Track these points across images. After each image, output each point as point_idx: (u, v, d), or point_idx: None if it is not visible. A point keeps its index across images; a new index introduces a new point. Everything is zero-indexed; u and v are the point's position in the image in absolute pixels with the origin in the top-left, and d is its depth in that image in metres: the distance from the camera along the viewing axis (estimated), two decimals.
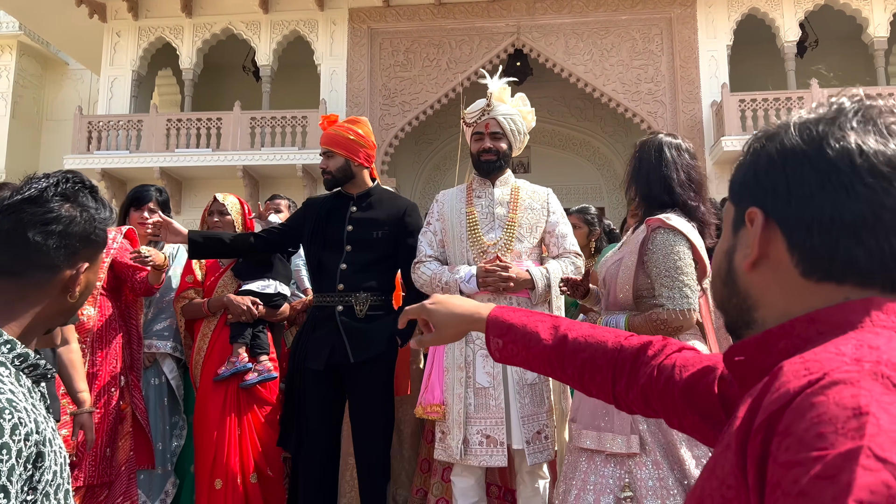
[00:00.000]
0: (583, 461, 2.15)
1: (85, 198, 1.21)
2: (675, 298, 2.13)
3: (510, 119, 3.03)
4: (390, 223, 3.12)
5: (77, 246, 1.18)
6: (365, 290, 3.03)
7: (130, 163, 12.28)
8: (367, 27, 12.88)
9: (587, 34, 12.43)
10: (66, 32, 14.05)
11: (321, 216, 3.17)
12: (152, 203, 3.53)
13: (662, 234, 2.18)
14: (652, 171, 2.27)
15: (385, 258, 3.11)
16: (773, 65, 13.04)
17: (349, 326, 2.98)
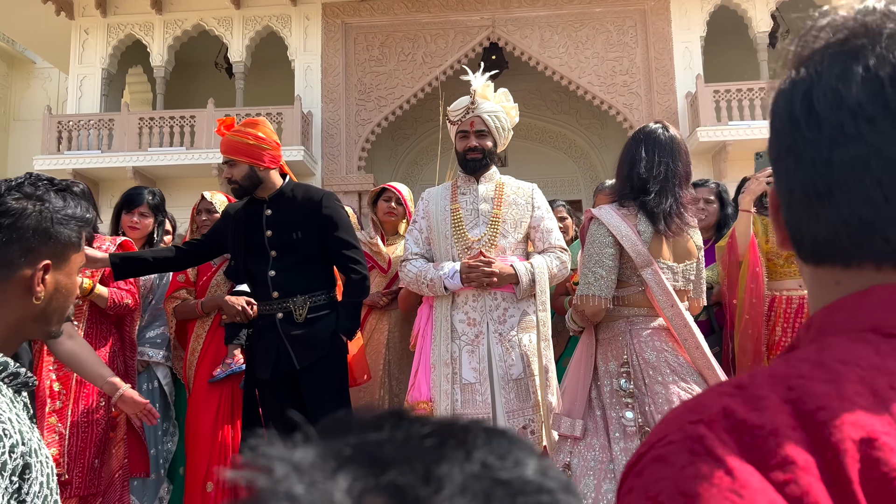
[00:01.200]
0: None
1: (47, 194, 1.16)
2: (581, 286, 2.33)
3: (494, 116, 3.02)
4: (308, 220, 2.97)
5: (32, 241, 1.12)
6: (302, 293, 2.94)
7: (102, 163, 12.07)
8: (341, 22, 12.78)
9: (562, 27, 12.45)
10: (32, 30, 13.76)
11: (239, 225, 3.04)
12: (143, 207, 3.46)
13: (592, 224, 2.37)
14: (619, 165, 2.45)
15: (313, 256, 2.99)
16: (746, 55, 13.18)
17: (290, 332, 2.91)
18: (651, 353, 2.26)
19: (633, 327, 2.31)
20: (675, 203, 2.30)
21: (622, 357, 2.29)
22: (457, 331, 2.90)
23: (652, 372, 2.23)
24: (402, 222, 3.83)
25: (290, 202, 3.02)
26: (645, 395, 2.22)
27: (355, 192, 12.08)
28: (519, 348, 2.85)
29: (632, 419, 2.19)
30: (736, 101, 11.64)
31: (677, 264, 2.35)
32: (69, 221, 1.16)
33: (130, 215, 3.44)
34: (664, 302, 2.26)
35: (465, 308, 2.91)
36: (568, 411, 2.33)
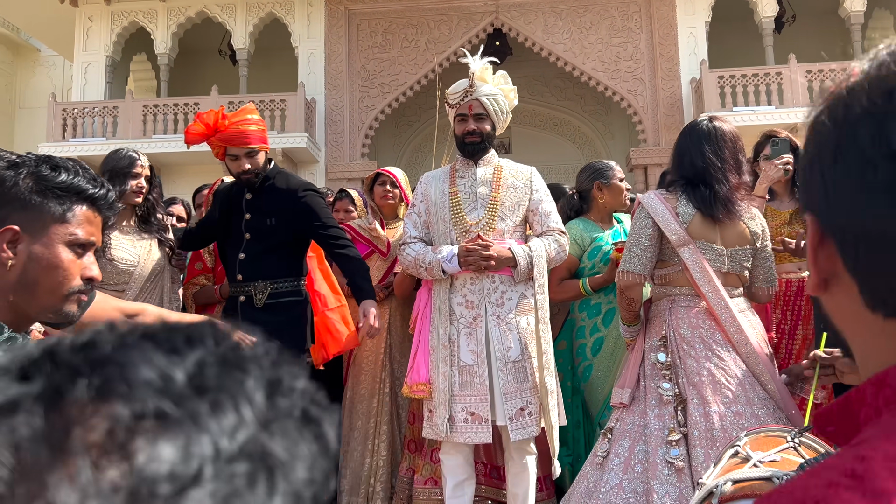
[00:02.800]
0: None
1: (38, 166, 1.14)
2: (620, 263, 2.50)
3: (493, 99, 3.03)
4: (283, 209, 2.98)
5: (5, 209, 1.10)
6: (264, 279, 2.97)
7: (107, 150, 12.04)
8: (345, 8, 12.74)
9: (566, 12, 12.38)
10: (36, 18, 13.77)
11: (224, 206, 3.09)
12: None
13: (637, 208, 2.53)
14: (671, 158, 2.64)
15: (284, 244, 3.00)
16: (751, 41, 13.09)
17: (249, 318, 2.92)
18: (686, 329, 2.39)
19: (673, 305, 2.45)
20: (725, 189, 2.40)
21: (661, 332, 2.44)
22: (455, 313, 2.92)
23: (686, 346, 2.37)
24: (400, 206, 3.85)
25: (269, 188, 3.03)
26: (679, 368, 2.37)
27: (359, 178, 12.08)
28: (517, 331, 2.87)
29: (668, 389, 2.35)
30: (741, 87, 11.58)
31: (725, 248, 2.43)
32: (50, 190, 1.13)
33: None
34: (701, 279, 2.38)
35: (463, 291, 2.93)
36: (621, 383, 2.52)
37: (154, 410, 0.27)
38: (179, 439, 0.27)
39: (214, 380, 0.29)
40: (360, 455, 3.52)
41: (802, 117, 2.31)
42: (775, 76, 11.48)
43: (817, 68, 11.49)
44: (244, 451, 0.28)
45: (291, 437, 0.30)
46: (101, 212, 1.23)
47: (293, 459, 0.29)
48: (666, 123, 12.02)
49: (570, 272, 3.30)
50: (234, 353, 0.31)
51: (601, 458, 2.42)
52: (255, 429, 0.29)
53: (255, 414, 0.29)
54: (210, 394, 0.29)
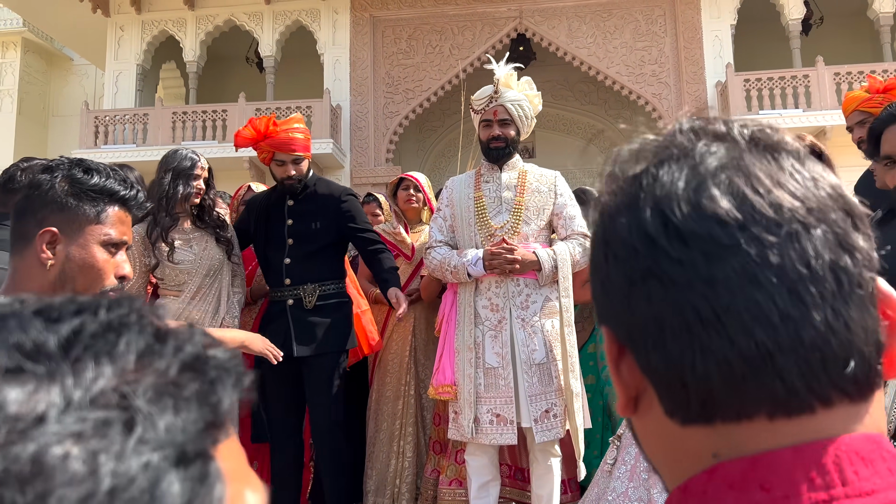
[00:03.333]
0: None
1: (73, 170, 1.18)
2: None
3: (518, 105, 3.06)
4: (327, 212, 3.13)
5: (43, 211, 1.15)
6: (312, 282, 3.08)
7: (138, 156, 12.35)
8: (370, 15, 12.87)
9: (589, 17, 12.38)
10: (69, 28, 14.10)
11: (261, 214, 3.18)
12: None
13: None
14: None
15: (327, 247, 3.13)
16: (778, 43, 12.96)
17: (299, 319, 3.04)
18: None
19: None
20: None
21: None
22: (480, 316, 2.95)
23: None
24: (423, 210, 3.90)
25: (311, 194, 3.17)
26: None
27: (383, 184, 12.18)
28: (542, 334, 2.90)
29: None
30: (767, 90, 11.47)
31: None
32: (85, 192, 1.17)
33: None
34: None
35: (488, 294, 2.96)
36: None
37: (12, 366, 0.29)
38: (27, 387, 0.29)
39: (85, 342, 0.31)
40: (385, 456, 3.56)
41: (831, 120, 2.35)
42: (802, 79, 11.35)
43: (845, 70, 11.34)
44: (98, 401, 0.29)
45: (161, 393, 0.31)
46: (131, 211, 1.27)
47: (159, 412, 0.30)
48: None
49: None
50: (121, 320, 0.33)
51: (610, 465, 2.44)
52: (115, 382, 0.30)
53: (117, 370, 0.31)
54: (74, 353, 0.31)
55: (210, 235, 2.99)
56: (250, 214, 3.24)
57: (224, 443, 0.34)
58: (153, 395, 0.31)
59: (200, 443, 0.31)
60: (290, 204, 3.13)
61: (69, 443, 0.28)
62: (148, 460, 0.29)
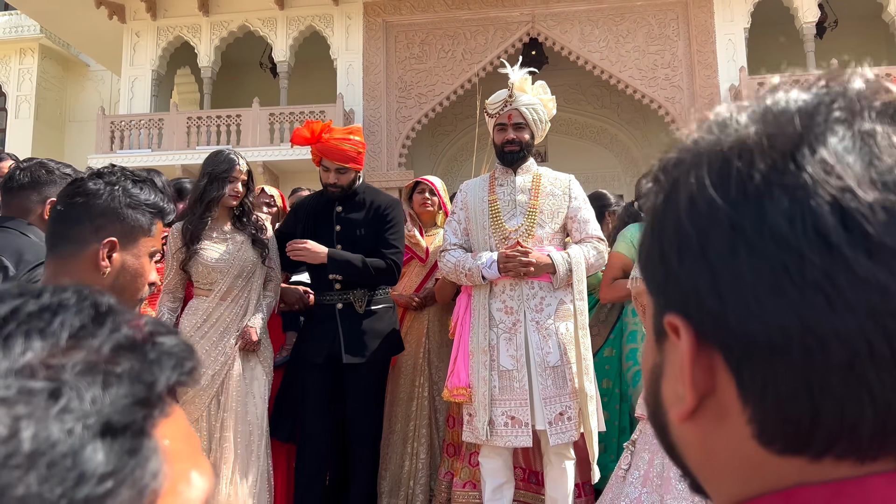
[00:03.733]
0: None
1: (123, 180, 1.25)
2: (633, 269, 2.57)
3: (532, 109, 3.08)
4: (372, 220, 3.22)
5: (101, 219, 1.21)
6: (362, 287, 3.16)
7: (153, 161, 12.46)
8: (382, 20, 12.94)
9: (602, 21, 12.38)
10: (86, 34, 14.27)
11: (309, 217, 3.26)
12: None
13: None
14: None
15: (374, 252, 3.20)
16: (792, 46, 12.89)
17: (349, 324, 3.10)
18: None
19: None
20: None
21: None
22: (494, 319, 2.97)
23: None
24: (438, 213, 3.92)
25: (359, 201, 3.25)
26: None
27: (396, 188, 12.22)
28: (556, 336, 2.91)
29: None
30: None
31: None
32: (139, 206, 1.25)
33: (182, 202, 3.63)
34: None
35: (502, 297, 2.98)
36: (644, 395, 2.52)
37: None
38: None
39: (20, 320, 0.33)
40: (399, 458, 3.58)
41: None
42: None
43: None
44: (23, 371, 0.31)
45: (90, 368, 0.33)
46: (166, 223, 1.36)
47: (87, 386, 0.32)
48: None
49: (625, 273, 3.32)
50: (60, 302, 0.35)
51: (624, 470, 2.44)
52: (44, 356, 0.32)
53: (47, 345, 0.33)
54: (7, 330, 0.33)
55: (247, 237, 3.05)
56: (297, 218, 3.32)
57: (167, 423, 0.35)
58: (82, 369, 0.32)
59: (129, 416, 0.33)
60: (339, 210, 3.22)
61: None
62: (71, 427, 0.31)
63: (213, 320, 2.97)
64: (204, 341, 2.92)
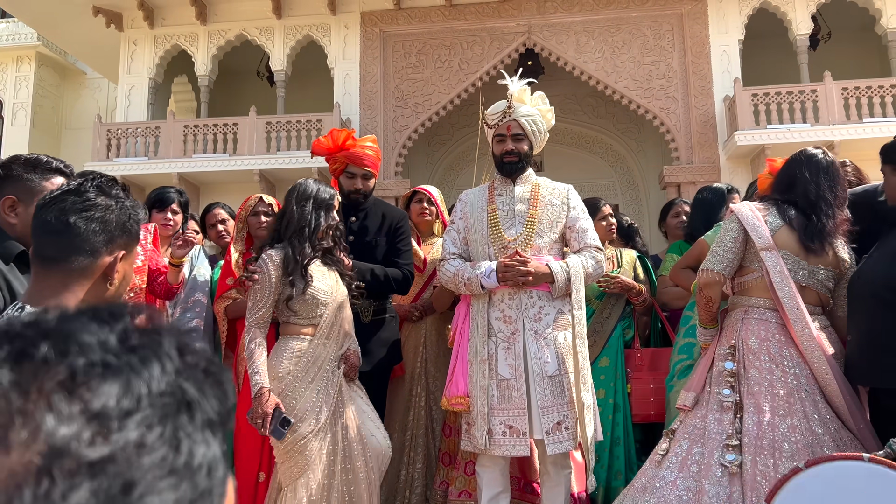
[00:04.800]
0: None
1: (118, 192, 1.31)
2: (703, 262, 2.58)
3: (531, 120, 3.11)
4: (386, 231, 3.25)
5: (114, 233, 1.27)
6: (368, 297, 3.15)
7: (149, 169, 12.46)
8: (379, 30, 12.99)
9: (598, 32, 12.46)
10: (83, 42, 14.28)
11: None
12: (174, 205, 3.64)
13: (729, 216, 2.63)
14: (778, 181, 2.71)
15: (385, 263, 3.25)
16: (786, 58, 13.00)
17: (357, 333, 3.04)
18: (755, 341, 2.43)
19: (746, 316, 2.51)
20: (831, 224, 2.48)
21: (731, 341, 2.49)
22: (493, 328, 2.98)
23: (751, 357, 2.41)
24: (436, 223, 3.94)
25: (371, 213, 3.29)
26: (742, 377, 2.42)
27: (392, 196, 12.24)
28: (554, 346, 2.92)
29: (728, 395, 2.41)
30: (775, 105, 11.50)
31: (808, 263, 2.48)
32: (138, 217, 1.32)
33: (163, 213, 3.62)
34: (780, 284, 2.43)
35: (501, 306, 2.99)
36: (688, 387, 2.59)
37: (101, 361, 0.37)
38: (121, 380, 0.37)
39: (138, 341, 0.39)
40: (395, 467, 3.58)
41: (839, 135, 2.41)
42: (810, 93, 11.37)
43: (853, 85, 11.36)
44: (166, 391, 0.38)
45: (199, 382, 0.40)
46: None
47: (203, 398, 0.39)
48: (699, 141, 11.98)
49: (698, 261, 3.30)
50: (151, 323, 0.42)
51: (660, 455, 2.50)
52: (173, 376, 0.39)
53: (172, 365, 0.39)
54: (138, 351, 0.39)
55: (335, 270, 2.89)
56: None
57: None
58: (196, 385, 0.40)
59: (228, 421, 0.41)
60: (353, 220, 3.24)
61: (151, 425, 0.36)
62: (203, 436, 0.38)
63: (322, 360, 2.75)
64: (315, 384, 2.70)
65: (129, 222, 1.29)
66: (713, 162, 11.86)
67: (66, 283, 1.23)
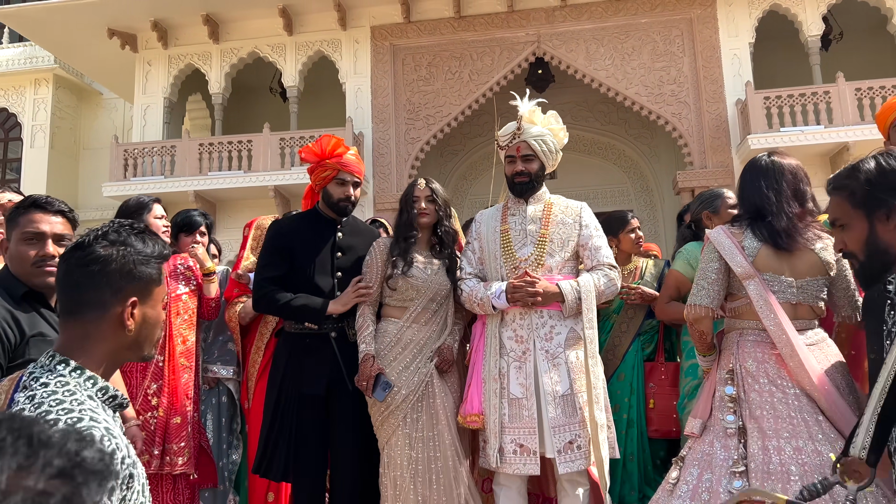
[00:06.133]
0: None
1: (129, 238, 1.32)
2: (689, 297, 2.54)
3: (541, 140, 3.12)
4: (365, 248, 3.20)
5: (119, 283, 1.29)
6: (352, 315, 3.11)
7: (166, 187, 12.62)
8: (390, 44, 13.10)
9: (607, 39, 12.48)
10: (99, 64, 14.53)
11: (307, 240, 3.17)
12: (202, 227, 3.72)
13: (706, 244, 2.59)
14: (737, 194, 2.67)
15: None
16: (797, 60, 12.94)
17: (346, 352, 3.06)
18: (752, 364, 2.41)
19: (741, 339, 2.48)
20: (783, 222, 2.44)
21: (729, 365, 2.46)
22: (505, 347, 3.01)
23: (751, 380, 2.39)
24: None
25: (353, 230, 3.27)
26: (743, 401, 2.39)
27: None
28: (566, 365, 2.94)
29: (732, 422, 2.38)
30: (788, 107, 11.44)
31: (795, 279, 2.44)
32: (149, 261, 1.33)
33: (191, 236, 3.70)
34: (765, 312, 2.40)
35: (513, 325, 3.02)
36: (694, 413, 2.58)
37: None
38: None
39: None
40: None
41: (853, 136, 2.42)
42: (823, 95, 11.30)
43: (867, 86, 11.28)
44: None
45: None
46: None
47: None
48: (712, 146, 11.95)
49: (680, 294, 3.31)
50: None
51: (672, 484, 2.49)
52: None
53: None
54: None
55: (443, 263, 3.15)
56: (292, 240, 3.17)
57: None
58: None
59: None
60: (340, 237, 3.19)
61: None
62: None
63: (406, 342, 3.05)
64: (396, 363, 3.02)
65: (138, 268, 1.30)
66: (727, 166, 11.82)
67: (86, 334, 1.27)
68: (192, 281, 3.36)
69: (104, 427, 1.14)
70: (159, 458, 3.01)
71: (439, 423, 3.03)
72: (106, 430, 1.14)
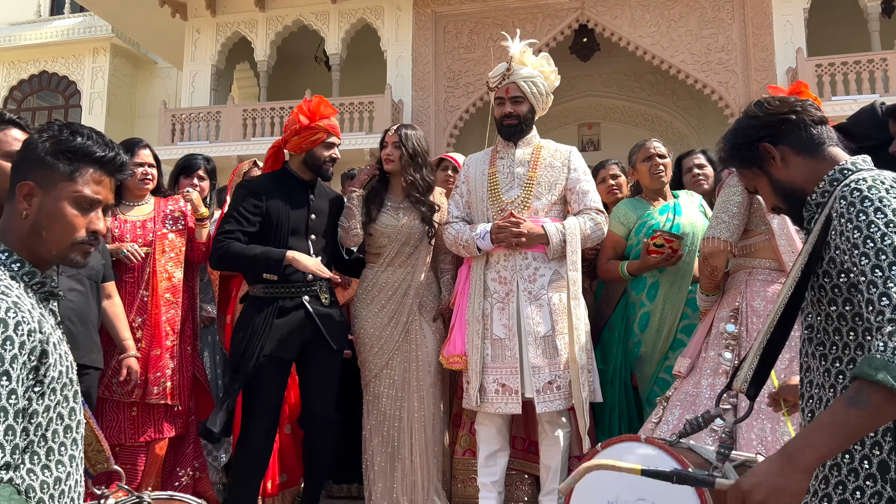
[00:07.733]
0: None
1: (62, 130, 1.31)
2: (706, 230, 2.51)
3: (531, 81, 3.10)
4: (334, 211, 3.17)
5: (26, 167, 1.29)
6: (326, 280, 3.06)
7: (210, 152, 12.89)
8: (432, 11, 13.04)
9: (653, 5, 12.13)
10: (152, 32, 14.93)
11: (281, 201, 3.02)
12: (201, 171, 3.77)
13: (729, 178, 2.55)
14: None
15: (333, 243, 3.19)
16: (856, 28, 12.32)
17: (321, 315, 3.00)
18: (759, 303, 2.38)
19: (750, 278, 2.45)
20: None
21: (734, 304, 2.43)
22: (489, 289, 3.02)
23: (755, 319, 2.36)
24: None
25: (323, 191, 3.20)
26: (744, 340, 2.36)
27: None
28: (548, 306, 2.93)
29: (729, 359, 2.36)
30: (841, 75, 10.94)
31: None
32: (62, 152, 1.31)
33: (189, 178, 3.69)
34: (786, 247, 2.38)
35: (496, 267, 3.02)
36: (685, 353, 2.57)
37: None
38: None
39: None
40: None
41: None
42: (880, 62, 10.76)
43: None
44: None
45: None
46: (110, 174, 1.37)
47: None
48: None
49: (617, 252, 3.30)
50: None
51: (654, 423, 2.47)
52: None
53: None
54: None
55: (415, 211, 3.23)
56: (265, 201, 3.00)
57: None
58: None
59: None
60: (312, 199, 3.10)
61: None
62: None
63: (381, 285, 3.20)
64: (373, 305, 3.20)
65: (46, 156, 1.29)
66: None
67: (7, 217, 1.32)
68: (180, 221, 3.36)
69: (12, 301, 1.18)
70: (142, 388, 3.11)
71: (420, 367, 3.13)
72: (14, 304, 1.17)
